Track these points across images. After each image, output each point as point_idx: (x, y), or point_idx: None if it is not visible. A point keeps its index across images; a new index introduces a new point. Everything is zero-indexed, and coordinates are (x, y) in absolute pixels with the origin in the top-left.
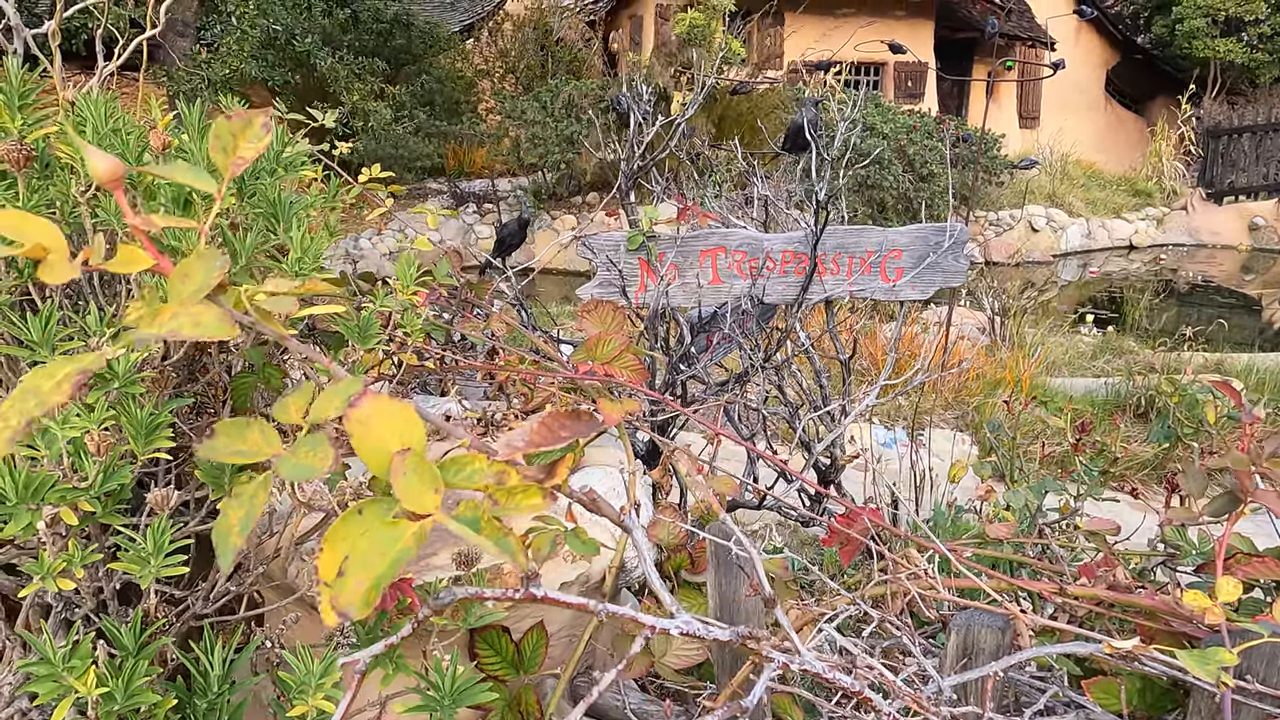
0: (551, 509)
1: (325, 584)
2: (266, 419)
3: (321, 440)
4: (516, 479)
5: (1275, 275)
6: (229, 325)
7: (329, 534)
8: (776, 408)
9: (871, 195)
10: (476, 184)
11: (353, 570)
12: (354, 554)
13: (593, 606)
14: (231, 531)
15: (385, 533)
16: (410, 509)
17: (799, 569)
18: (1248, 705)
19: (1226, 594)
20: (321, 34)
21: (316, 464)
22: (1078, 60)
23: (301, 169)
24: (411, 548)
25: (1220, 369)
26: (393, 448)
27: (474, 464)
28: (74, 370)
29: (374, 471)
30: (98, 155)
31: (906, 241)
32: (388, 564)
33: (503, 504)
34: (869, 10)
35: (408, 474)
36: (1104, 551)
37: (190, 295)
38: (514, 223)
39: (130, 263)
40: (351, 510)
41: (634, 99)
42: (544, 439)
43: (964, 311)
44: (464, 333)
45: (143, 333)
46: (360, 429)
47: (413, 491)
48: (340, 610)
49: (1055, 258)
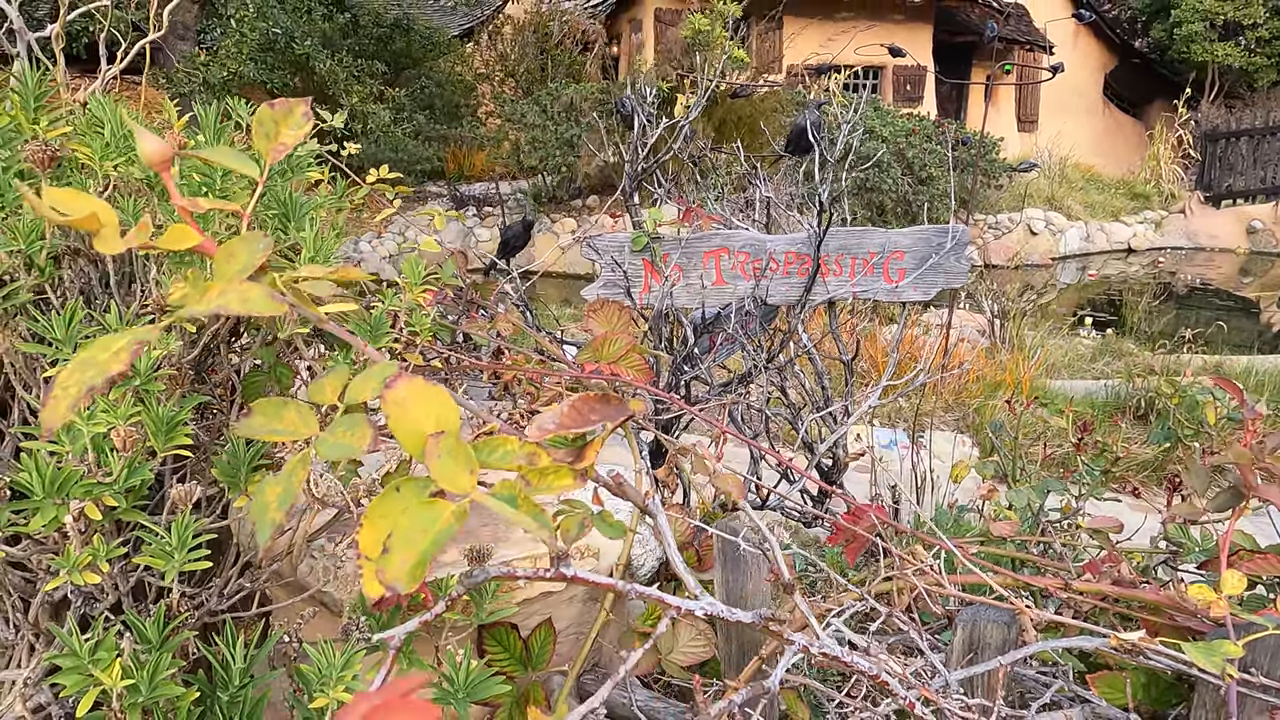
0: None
1: (368, 558)
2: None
3: (360, 420)
4: (548, 460)
5: (1273, 278)
6: (277, 302)
7: (370, 511)
8: (779, 409)
9: (871, 198)
10: (476, 187)
11: (398, 547)
12: (397, 531)
13: (621, 587)
14: (269, 507)
15: (425, 511)
16: (446, 488)
17: (802, 568)
18: (1252, 697)
19: (1231, 587)
20: (321, 37)
21: (355, 443)
22: (1076, 64)
23: (308, 170)
24: (453, 525)
25: (1219, 371)
26: (428, 429)
27: (506, 445)
28: (131, 341)
29: (410, 452)
30: (149, 137)
31: (909, 243)
32: (430, 541)
33: (535, 484)
34: (868, 14)
35: (443, 455)
36: (1107, 549)
37: (236, 274)
38: (518, 224)
39: (179, 240)
40: (390, 488)
41: (638, 101)
42: (574, 421)
43: (964, 314)
44: (470, 333)
45: (191, 309)
46: (397, 410)
47: (448, 472)
48: (388, 584)
49: (1054, 261)
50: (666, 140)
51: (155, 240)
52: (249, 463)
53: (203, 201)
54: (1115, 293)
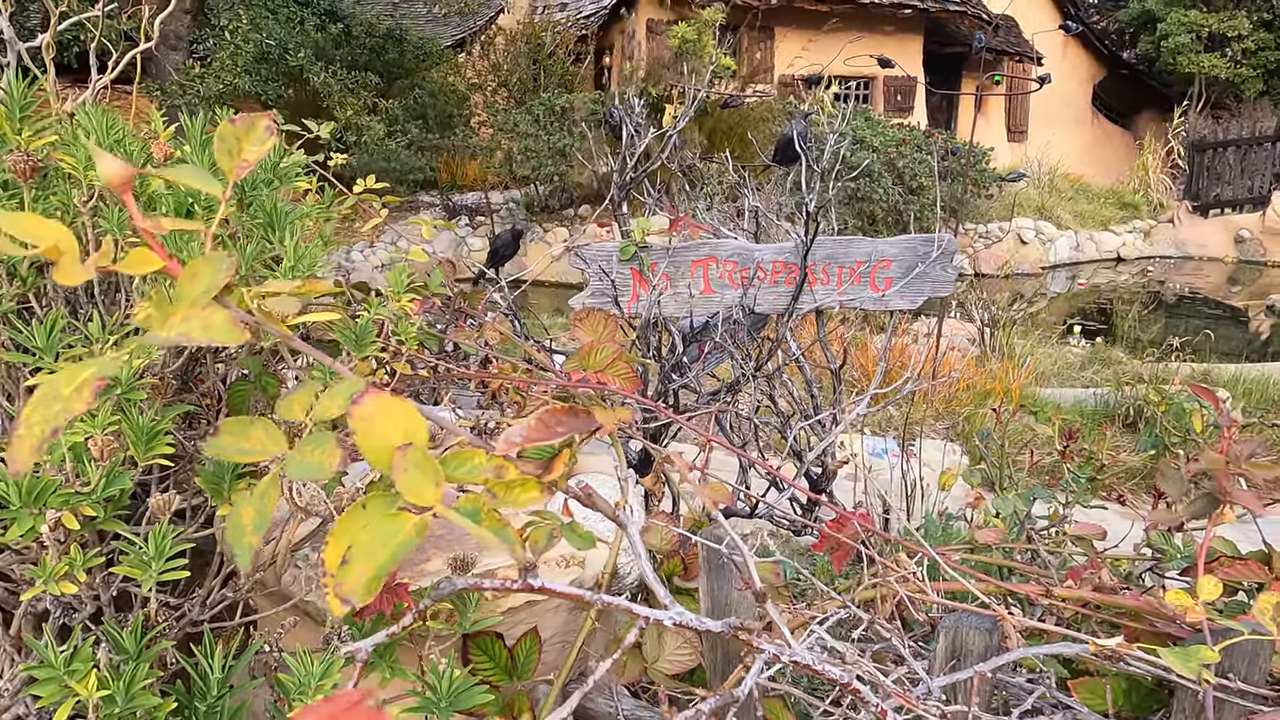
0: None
1: (330, 575)
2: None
3: (328, 438)
4: (515, 473)
5: (1261, 287)
6: (239, 330)
7: (334, 529)
8: (768, 417)
9: (862, 208)
10: (469, 197)
11: (356, 560)
12: (357, 545)
13: (589, 597)
14: (245, 531)
15: (387, 525)
16: (412, 502)
17: (792, 577)
18: (1230, 703)
19: (1207, 593)
20: (314, 49)
21: (324, 461)
22: (1065, 75)
23: (296, 180)
24: (413, 538)
25: (1207, 379)
26: (395, 443)
27: (474, 459)
28: (93, 375)
29: (377, 467)
30: (107, 159)
31: (895, 252)
32: (389, 554)
33: (501, 497)
34: (858, 25)
35: (410, 469)
36: (1090, 556)
37: (199, 296)
38: (507, 233)
39: (140, 264)
40: (356, 505)
41: (626, 111)
42: (541, 434)
43: (954, 323)
44: (458, 342)
45: (154, 336)
46: (364, 425)
47: (415, 485)
48: (344, 597)
49: (1044, 270)
50: (655, 149)
51: (118, 265)
52: (233, 471)
53: (165, 222)
54: (1105, 301)
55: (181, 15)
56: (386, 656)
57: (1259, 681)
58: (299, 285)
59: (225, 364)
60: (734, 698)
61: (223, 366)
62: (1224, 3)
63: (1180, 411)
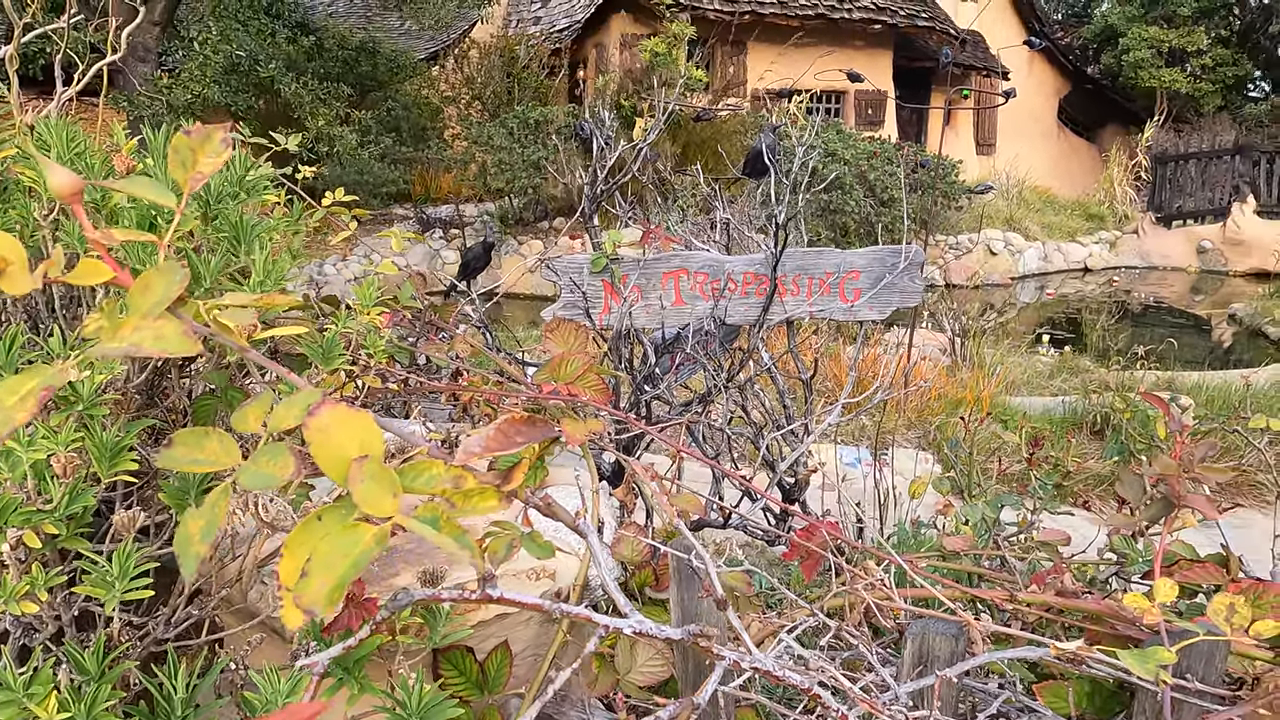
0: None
1: (287, 588)
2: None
3: (282, 449)
4: (473, 483)
5: (1223, 296)
6: (191, 340)
7: (289, 540)
8: (741, 428)
9: (834, 219)
10: (443, 209)
11: (315, 571)
12: (316, 556)
13: (548, 606)
14: (193, 540)
15: (346, 535)
16: (369, 513)
17: (766, 587)
18: (1188, 703)
19: (1164, 595)
20: (285, 60)
21: (277, 472)
22: (1031, 90)
23: (264, 193)
24: (372, 548)
25: (1172, 387)
26: (351, 455)
27: (432, 469)
28: (38, 385)
29: (333, 478)
30: (58, 170)
31: (864, 263)
32: (349, 564)
33: (460, 506)
34: (828, 40)
35: (366, 480)
36: (1055, 561)
37: (151, 308)
38: (479, 246)
39: (90, 275)
40: (310, 517)
41: (596, 124)
42: (500, 444)
43: (925, 333)
44: (428, 355)
45: (104, 347)
46: (319, 437)
47: (371, 496)
48: (305, 608)
49: (1013, 280)
50: (626, 161)
51: (67, 276)
52: (198, 486)
53: (117, 233)
54: (1073, 311)
55: (150, 27)
56: (355, 672)
57: (1215, 681)
58: (257, 298)
59: (190, 379)
60: (694, 705)
61: (188, 381)
62: (1183, 19)
63: (1145, 419)
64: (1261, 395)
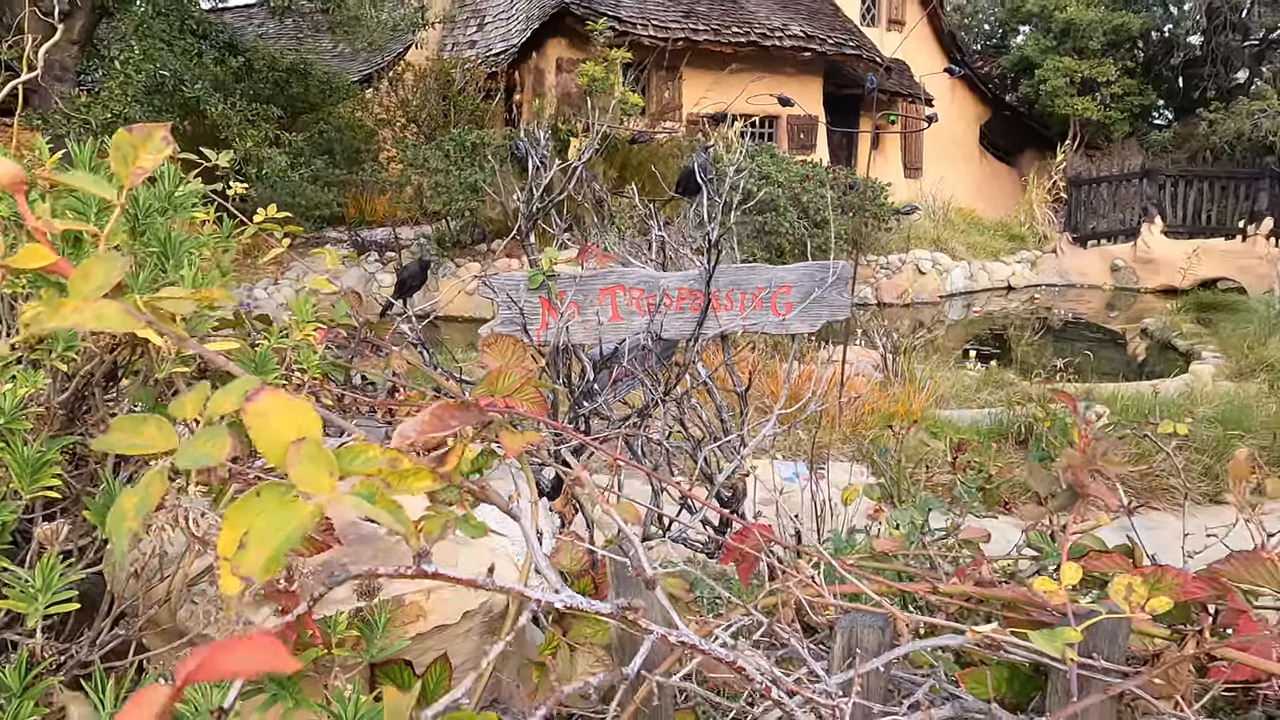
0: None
1: (225, 558)
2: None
3: (220, 430)
4: (409, 464)
5: (1136, 312)
6: (133, 319)
7: (228, 514)
8: (680, 442)
9: (770, 240)
10: (378, 232)
11: (253, 543)
12: (253, 529)
13: (480, 581)
14: (126, 516)
15: (282, 511)
16: (307, 491)
17: (707, 595)
18: (1094, 679)
19: (1069, 578)
20: (212, 80)
21: (214, 452)
22: (954, 116)
23: (193, 210)
24: (308, 521)
25: (1090, 397)
26: (289, 438)
27: (369, 452)
28: None
29: (271, 460)
30: (2, 160)
31: (794, 278)
32: (285, 536)
33: (395, 485)
34: (761, 67)
35: (304, 461)
36: (975, 556)
37: (92, 291)
38: (414, 264)
39: (32, 259)
40: (250, 494)
41: (531, 144)
42: (434, 427)
43: (859, 350)
44: (364, 372)
45: (43, 325)
46: (258, 421)
47: (309, 475)
48: (243, 575)
49: (942, 298)
50: (561, 180)
51: (7, 260)
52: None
53: (58, 223)
54: (998, 327)
55: (68, 45)
56: (290, 687)
57: (1119, 659)
58: (194, 292)
59: (116, 399)
60: (624, 675)
61: (113, 403)
62: (1093, 51)
63: (1064, 427)
64: (1170, 404)
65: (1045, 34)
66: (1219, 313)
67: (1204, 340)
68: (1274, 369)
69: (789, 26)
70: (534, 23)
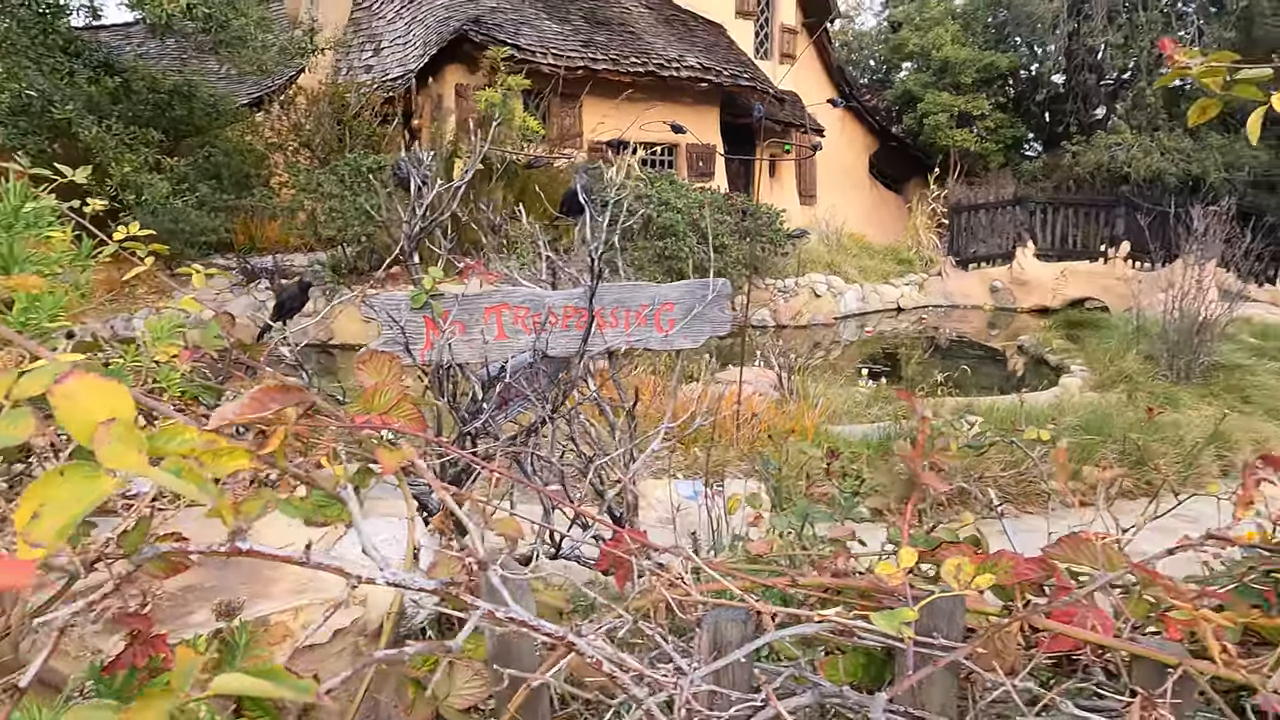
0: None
1: (19, 531)
2: None
3: (23, 412)
4: (225, 444)
5: (1014, 330)
6: None
7: (27, 492)
8: (571, 460)
9: (670, 265)
10: (269, 259)
11: (48, 513)
12: (50, 500)
13: (297, 558)
14: None
15: (83, 483)
16: (114, 468)
17: (589, 604)
18: (934, 655)
19: (906, 560)
20: (86, 102)
21: (17, 433)
22: (844, 146)
23: (48, 228)
24: (108, 490)
25: (970, 409)
26: (99, 419)
27: (185, 433)
28: None
29: (80, 440)
30: None
31: (677, 295)
32: (81, 507)
33: (209, 464)
34: (659, 96)
35: (112, 440)
36: (838, 551)
37: None
38: (294, 285)
39: None
40: (53, 472)
41: (414, 163)
42: (254, 409)
43: (757, 371)
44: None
45: None
46: (66, 403)
47: (117, 454)
48: (33, 542)
49: (836, 320)
50: (444, 200)
51: None
52: None
53: None
54: (890, 347)
55: None
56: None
57: (957, 637)
58: (6, 279)
59: None
60: (446, 648)
61: None
62: (968, 87)
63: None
64: (1038, 413)
65: (925, 70)
66: (1085, 330)
67: (1072, 355)
68: (1132, 380)
69: (685, 58)
70: (432, 48)
